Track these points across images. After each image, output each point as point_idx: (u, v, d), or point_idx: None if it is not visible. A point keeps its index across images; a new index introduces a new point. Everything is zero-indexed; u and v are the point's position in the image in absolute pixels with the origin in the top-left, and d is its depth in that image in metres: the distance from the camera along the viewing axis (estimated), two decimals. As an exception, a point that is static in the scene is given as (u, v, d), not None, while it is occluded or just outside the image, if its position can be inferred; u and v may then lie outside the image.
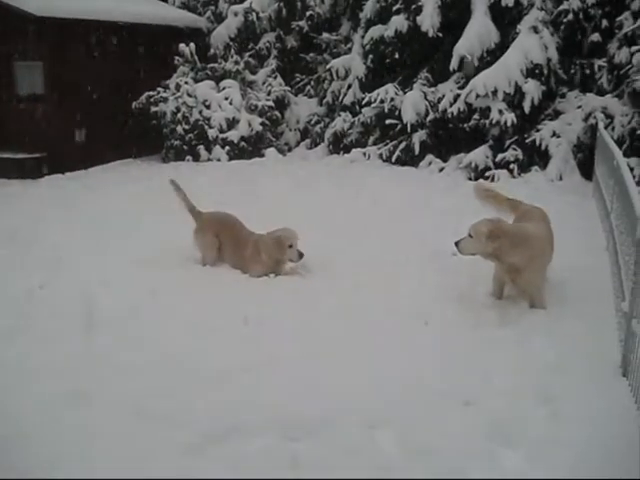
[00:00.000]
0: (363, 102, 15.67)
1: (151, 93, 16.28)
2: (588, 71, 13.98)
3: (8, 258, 8.55)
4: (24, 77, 15.80)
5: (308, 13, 17.78)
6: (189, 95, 15.95)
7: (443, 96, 14.61)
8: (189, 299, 6.95)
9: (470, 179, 13.37)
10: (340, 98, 16.53)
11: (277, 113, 16.75)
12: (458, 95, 14.29)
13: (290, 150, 16.86)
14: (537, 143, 13.41)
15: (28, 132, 15.58)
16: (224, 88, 16.32)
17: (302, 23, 17.90)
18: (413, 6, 15.06)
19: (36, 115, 15.67)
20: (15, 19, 14.85)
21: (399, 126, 14.97)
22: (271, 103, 16.60)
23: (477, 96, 13.75)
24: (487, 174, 13.41)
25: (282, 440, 4.44)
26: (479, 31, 14.28)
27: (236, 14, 17.96)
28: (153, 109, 16.14)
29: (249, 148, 15.90)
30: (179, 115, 15.82)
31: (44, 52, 15.62)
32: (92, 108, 16.02)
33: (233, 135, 15.78)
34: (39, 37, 15.37)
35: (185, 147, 15.84)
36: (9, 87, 15.99)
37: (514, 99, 13.71)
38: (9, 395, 5.05)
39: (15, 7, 14.51)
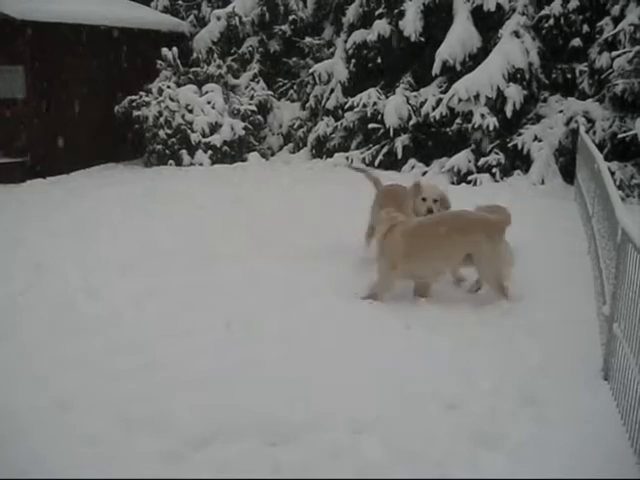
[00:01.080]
0: (346, 106, 15.72)
1: (133, 97, 16.19)
2: (569, 76, 14.09)
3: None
4: (5, 81, 15.66)
5: (291, 17, 17.78)
6: (171, 99, 15.88)
7: (425, 100, 14.68)
8: (172, 303, 6.92)
9: (453, 183, 13.42)
10: (323, 102, 16.54)
11: (260, 117, 16.73)
12: (440, 99, 14.36)
13: (273, 154, 16.85)
14: (519, 147, 13.48)
15: (9, 136, 15.47)
16: (207, 92, 16.27)
17: (285, 27, 17.89)
18: (396, 11, 15.15)
19: (17, 119, 15.55)
20: (-1, 23, 14.77)
21: (382, 130, 15.01)
22: (254, 107, 16.59)
23: (459, 100, 13.81)
24: (469, 178, 13.47)
25: (264, 445, 4.42)
26: (461, 36, 14.37)
27: (219, 18, 17.94)
28: (135, 113, 16.05)
29: (232, 152, 15.87)
30: (161, 119, 15.76)
31: (25, 56, 15.51)
32: (74, 112, 15.93)
33: (216, 139, 15.74)
34: (20, 41, 15.27)
35: (167, 151, 15.77)
36: (-10, 91, 15.88)
37: (496, 103, 13.79)
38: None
39: (-2, 11, 14.42)
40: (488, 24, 14.52)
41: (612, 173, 10.27)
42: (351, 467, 4.21)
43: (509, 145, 13.63)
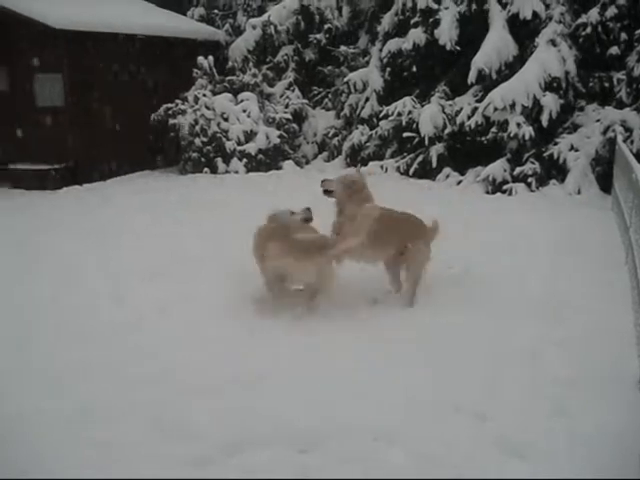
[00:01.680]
0: (381, 115, 15.70)
1: (169, 105, 16.36)
2: (607, 84, 13.93)
3: (18, 268, 8.56)
4: (44, 89, 15.93)
5: (326, 26, 17.85)
6: (207, 108, 16.01)
7: (461, 109, 14.58)
8: (197, 311, 6.90)
9: (488, 192, 13.33)
10: (358, 111, 16.55)
11: (295, 125, 16.80)
12: (476, 108, 14.25)
13: (308, 162, 16.89)
14: (555, 157, 13.34)
15: (47, 144, 15.70)
16: (242, 101, 16.38)
17: (320, 36, 17.98)
18: (431, 19, 15.09)
19: (55, 127, 15.78)
20: (35, 32, 15.00)
21: (417, 139, 14.96)
22: (289, 116, 16.66)
23: (495, 109, 13.70)
24: (505, 187, 13.35)
25: (292, 451, 4.42)
26: (497, 44, 14.26)
27: (254, 27, 18.08)
28: (171, 121, 16.21)
29: (267, 160, 15.94)
30: (197, 127, 15.88)
31: (63, 64, 15.75)
32: (110, 120, 16.13)
33: (251, 148, 15.82)
34: (59, 49, 15.51)
35: (203, 159, 15.89)
36: (29, 99, 16.13)
37: (532, 112, 13.67)
38: (14, 405, 5.03)
39: (35, 20, 14.65)
40: (524, 32, 14.40)
41: (650, 183, 10.10)
42: (377, 471, 4.21)
43: (545, 154, 13.49)
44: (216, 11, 20.04)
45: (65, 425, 4.75)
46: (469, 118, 14.27)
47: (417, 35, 15.26)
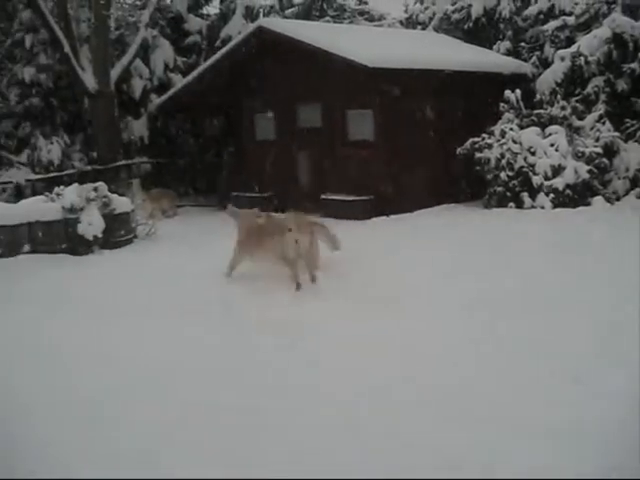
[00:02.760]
0: None
1: (475, 139, 16.44)
2: None
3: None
4: (357, 124, 16.79)
5: (641, 55, 16.91)
6: (514, 141, 15.85)
7: None
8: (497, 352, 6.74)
9: None
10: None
11: (605, 160, 16.03)
12: None
13: (618, 199, 15.99)
14: None
15: (357, 176, 16.49)
16: (550, 134, 16.00)
17: (634, 65, 17.04)
18: None
19: (365, 160, 16.52)
20: (349, 70, 15.84)
21: None
22: (599, 150, 15.94)
23: None
24: None
25: None
26: None
27: (563, 59, 17.60)
28: (477, 155, 16.26)
29: (574, 196, 15.38)
30: (503, 161, 15.78)
31: (374, 101, 16.48)
32: (416, 154, 16.56)
33: (558, 182, 15.37)
34: (370, 87, 16.24)
35: (508, 194, 15.74)
36: (342, 133, 17.07)
37: None
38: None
39: (350, 59, 15.46)
40: None
41: None
42: None
43: None
44: (523, 44, 19.83)
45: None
46: None
47: None
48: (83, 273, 11.54)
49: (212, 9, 27.13)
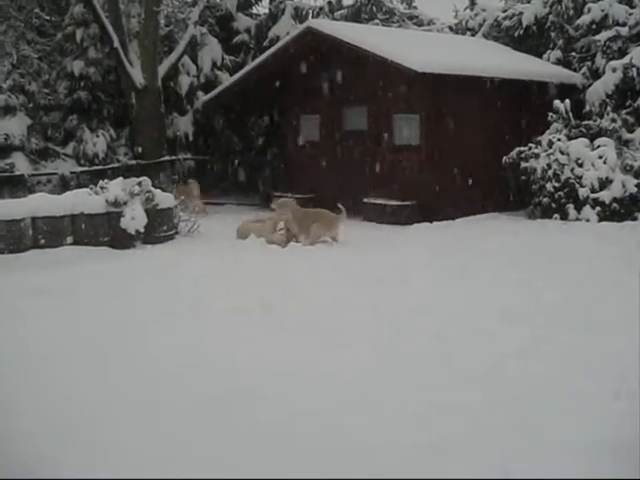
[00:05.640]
0: None
1: (522, 149, 16.26)
2: None
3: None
4: (403, 128, 16.72)
5: (700, 66, 16.57)
6: (561, 152, 15.63)
7: None
8: (553, 362, 6.59)
9: None
10: None
11: (655, 175, 15.74)
12: None
13: (667, 214, 15.70)
14: None
15: (401, 180, 16.42)
16: (598, 146, 15.75)
17: (691, 78, 16.74)
18: None
19: (410, 165, 16.44)
20: (398, 74, 15.78)
21: None
22: (648, 164, 15.66)
23: None
24: None
25: None
26: None
27: (614, 70, 17.36)
28: (523, 165, 16.08)
29: (621, 210, 15.11)
30: (550, 172, 15.57)
31: (422, 106, 16.38)
32: (462, 161, 16.42)
33: (605, 196, 15.12)
34: (417, 91, 16.17)
35: (553, 205, 15.52)
36: (388, 137, 17.00)
37: None
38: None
39: (399, 63, 15.41)
40: None
41: None
42: None
43: None
44: (573, 54, 19.54)
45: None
46: None
47: None
48: (123, 266, 11.56)
49: (261, 9, 27.34)
